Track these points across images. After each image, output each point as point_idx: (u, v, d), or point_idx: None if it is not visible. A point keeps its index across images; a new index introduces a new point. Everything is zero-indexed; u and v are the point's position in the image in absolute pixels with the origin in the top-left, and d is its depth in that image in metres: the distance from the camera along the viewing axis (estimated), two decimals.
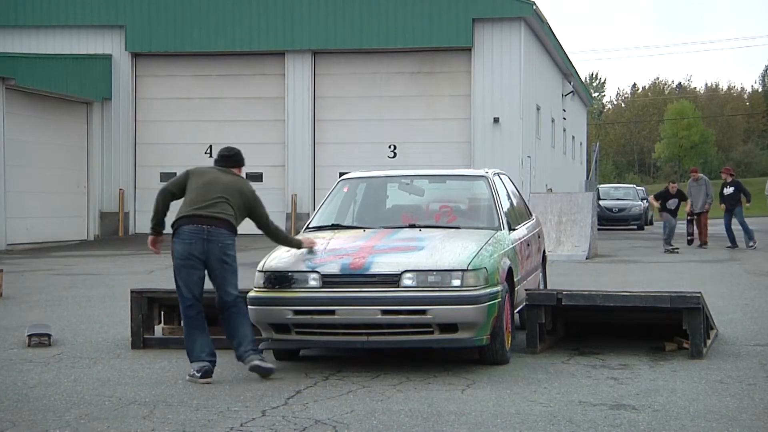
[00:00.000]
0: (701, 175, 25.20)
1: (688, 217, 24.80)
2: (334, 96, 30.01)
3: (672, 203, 23.61)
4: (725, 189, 24.08)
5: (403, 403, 6.79)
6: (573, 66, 40.50)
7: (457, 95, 29.45)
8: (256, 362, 7.70)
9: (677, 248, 22.74)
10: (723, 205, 23.95)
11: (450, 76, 29.59)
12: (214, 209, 7.83)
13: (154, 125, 30.67)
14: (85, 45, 30.47)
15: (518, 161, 28.68)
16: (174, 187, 8.23)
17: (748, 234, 23.43)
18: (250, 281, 8.32)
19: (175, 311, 9.73)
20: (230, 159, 8.29)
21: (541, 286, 10.79)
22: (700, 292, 8.51)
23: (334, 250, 8.17)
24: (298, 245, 8.28)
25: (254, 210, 8.14)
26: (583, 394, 7.02)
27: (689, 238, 24.78)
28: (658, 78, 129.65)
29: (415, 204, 9.74)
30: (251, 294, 8.02)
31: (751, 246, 23.16)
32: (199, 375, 7.62)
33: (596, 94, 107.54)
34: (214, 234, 7.83)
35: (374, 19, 29.24)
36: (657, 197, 24.04)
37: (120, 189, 29.81)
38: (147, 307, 9.28)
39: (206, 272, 7.92)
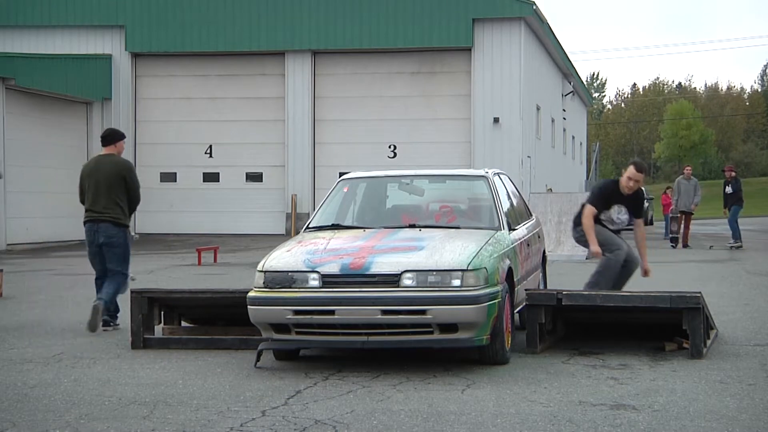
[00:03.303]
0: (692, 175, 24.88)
1: (672, 215, 24.52)
2: (334, 96, 30.03)
3: (617, 216, 10.17)
4: (727, 187, 23.95)
5: (403, 403, 6.79)
6: (573, 66, 40.51)
7: (457, 95, 29.46)
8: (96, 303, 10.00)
9: None
10: (726, 210, 23.75)
11: (450, 76, 29.60)
12: (103, 212, 10.32)
13: (154, 125, 30.69)
14: (85, 45, 30.49)
15: (518, 161, 28.68)
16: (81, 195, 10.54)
17: (733, 233, 23.37)
18: (250, 281, 8.32)
19: (175, 311, 9.74)
20: (105, 139, 10.51)
21: (541, 286, 10.78)
22: (700, 292, 8.50)
23: (334, 250, 8.16)
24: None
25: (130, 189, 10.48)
26: (583, 394, 7.02)
27: (673, 236, 24.45)
28: (658, 78, 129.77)
29: (415, 204, 9.74)
30: (251, 294, 8.01)
31: (732, 245, 23.07)
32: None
33: (596, 94, 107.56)
34: (102, 228, 10.29)
35: (374, 19, 29.25)
36: (595, 201, 10.11)
37: None
38: (147, 307, 9.28)
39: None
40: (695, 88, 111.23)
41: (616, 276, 9.98)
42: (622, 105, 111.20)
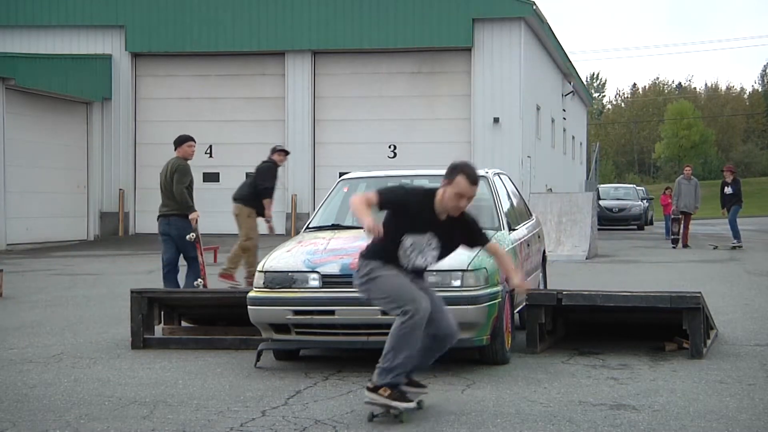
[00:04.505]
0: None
1: (673, 216, 24.55)
2: (334, 96, 30.01)
3: (419, 249, 6.60)
4: (726, 188, 23.91)
5: None
6: (573, 66, 40.49)
7: (456, 95, 29.44)
8: None
9: None
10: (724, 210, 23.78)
11: (450, 76, 29.58)
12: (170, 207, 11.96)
13: (154, 125, 30.66)
14: (85, 45, 30.47)
15: (518, 161, 28.67)
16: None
17: (734, 233, 23.35)
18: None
19: (175, 311, 9.74)
20: (174, 144, 12.60)
21: (541, 286, 10.78)
22: (700, 292, 8.50)
23: (334, 250, 8.16)
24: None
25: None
26: (583, 394, 7.02)
27: (674, 237, 24.44)
28: (658, 78, 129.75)
29: None
30: (251, 294, 8.02)
31: (734, 245, 23.05)
32: None
33: (597, 95, 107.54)
34: (172, 221, 11.95)
35: (374, 19, 29.23)
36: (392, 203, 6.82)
37: (120, 189, 29.81)
38: (147, 307, 9.28)
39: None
40: (695, 88, 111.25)
41: (419, 343, 6.35)
42: (622, 105, 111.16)
